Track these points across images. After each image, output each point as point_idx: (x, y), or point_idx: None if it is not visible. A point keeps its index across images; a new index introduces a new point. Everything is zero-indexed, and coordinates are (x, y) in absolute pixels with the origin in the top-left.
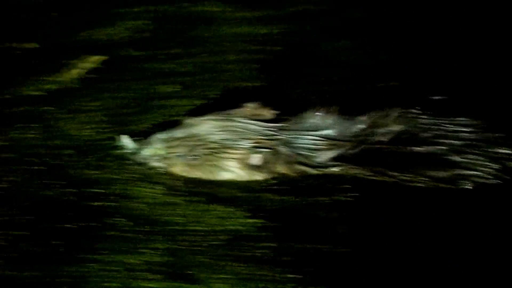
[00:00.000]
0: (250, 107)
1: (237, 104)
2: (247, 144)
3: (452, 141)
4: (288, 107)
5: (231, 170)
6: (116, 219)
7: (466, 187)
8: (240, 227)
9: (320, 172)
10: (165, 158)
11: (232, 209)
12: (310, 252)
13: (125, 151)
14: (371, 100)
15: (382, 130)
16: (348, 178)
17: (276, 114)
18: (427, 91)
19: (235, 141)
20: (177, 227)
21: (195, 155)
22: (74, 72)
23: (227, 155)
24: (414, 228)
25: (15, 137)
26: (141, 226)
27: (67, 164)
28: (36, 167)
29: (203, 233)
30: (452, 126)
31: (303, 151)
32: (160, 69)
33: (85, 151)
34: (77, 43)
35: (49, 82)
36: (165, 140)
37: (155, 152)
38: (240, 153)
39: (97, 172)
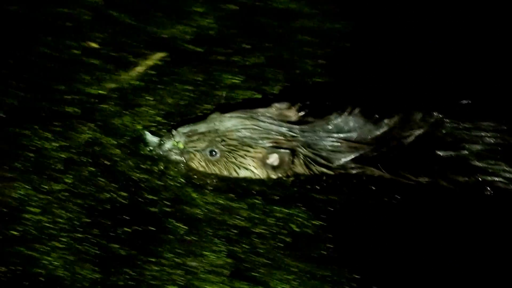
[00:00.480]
0: (276, 107)
1: (267, 104)
2: (265, 143)
3: (474, 146)
4: (325, 107)
5: (248, 168)
6: (174, 223)
7: (486, 193)
8: (302, 229)
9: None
10: (184, 151)
11: (292, 211)
12: (368, 252)
13: (150, 145)
14: (396, 103)
15: (404, 133)
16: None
17: (302, 115)
18: (451, 94)
19: (254, 139)
20: (237, 230)
21: (214, 151)
22: (136, 70)
23: (245, 153)
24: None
25: (72, 137)
26: (202, 229)
27: (120, 165)
28: (90, 169)
29: (265, 235)
30: (475, 130)
31: (323, 153)
32: (226, 62)
33: (136, 151)
34: (140, 42)
35: (111, 80)
36: (187, 134)
37: (175, 145)
38: (258, 152)
39: (147, 176)
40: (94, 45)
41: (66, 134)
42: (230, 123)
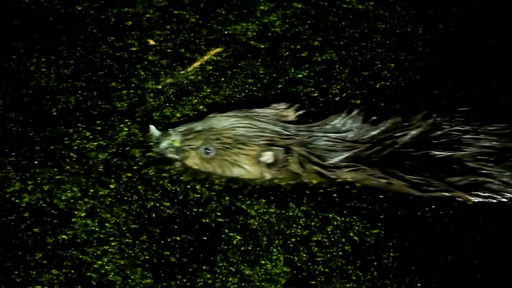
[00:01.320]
0: (274, 107)
1: (266, 104)
2: (259, 141)
3: (470, 148)
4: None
5: (242, 166)
6: (230, 233)
7: (480, 194)
8: (361, 237)
9: (332, 175)
10: (180, 150)
11: (349, 219)
12: (430, 261)
13: (151, 141)
14: (396, 104)
15: (400, 133)
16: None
17: (299, 115)
18: (451, 96)
19: (249, 138)
20: (295, 239)
21: (208, 149)
22: (194, 65)
23: (238, 150)
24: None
25: (121, 140)
26: (258, 239)
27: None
28: (127, 174)
29: (324, 243)
30: (471, 133)
31: (317, 152)
32: (293, 58)
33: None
34: (201, 39)
35: (168, 75)
36: (183, 133)
37: (171, 143)
38: (252, 150)
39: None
40: (152, 42)
41: (105, 133)
42: (226, 122)
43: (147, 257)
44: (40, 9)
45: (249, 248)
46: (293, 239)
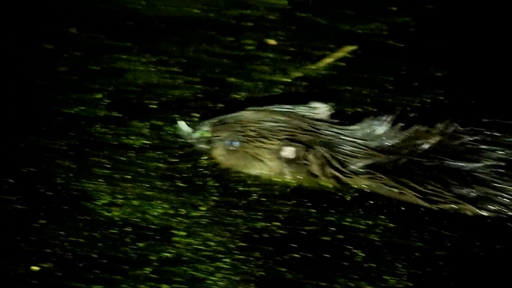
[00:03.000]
0: (311, 105)
1: (305, 101)
2: (281, 136)
3: (486, 160)
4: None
5: (262, 160)
6: (352, 249)
7: (490, 208)
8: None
9: (349, 181)
10: (210, 141)
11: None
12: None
13: (182, 135)
14: (423, 113)
15: (419, 142)
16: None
17: (330, 115)
18: (476, 108)
19: (271, 132)
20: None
21: (233, 141)
22: (324, 61)
23: (260, 144)
24: None
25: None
26: (380, 255)
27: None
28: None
29: (449, 257)
30: (491, 144)
31: (339, 156)
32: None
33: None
34: (327, 38)
35: (296, 70)
36: (214, 124)
37: (203, 134)
38: (273, 144)
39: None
40: (273, 42)
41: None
42: (255, 115)
43: (262, 273)
44: (151, 10)
45: (373, 265)
46: (417, 253)
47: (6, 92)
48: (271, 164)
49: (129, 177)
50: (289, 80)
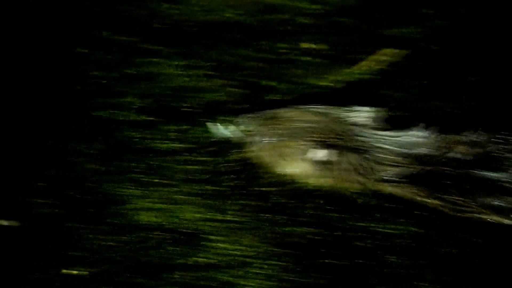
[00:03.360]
0: (353, 109)
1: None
2: (312, 137)
3: None
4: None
5: (291, 160)
6: (382, 255)
7: None
8: None
9: (375, 188)
10: (245, 136)
11: None
12: None
13: (214, 135)
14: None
15: (448, 151)
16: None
17: (376, 121)
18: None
19: (304, 132)
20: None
21: (268, 139)
22: (364, 64)
23: (291, 143)
24: None
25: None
26: (412, 260)
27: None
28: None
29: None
30: None
31: (369, 163)
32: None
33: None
34: (365, 41)
35: (346, 73)
36: (252, 120)
37: (238, 129)
38: (302, 145)
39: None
40: (307, 45)
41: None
42: (291, 113)
43: (295, 279)
44: (184, 14)
45: (403, 270)
46: (447, 260)
47: (40, 96)
48: (298, 164)
49: (159, 181)
50: (327, 84)
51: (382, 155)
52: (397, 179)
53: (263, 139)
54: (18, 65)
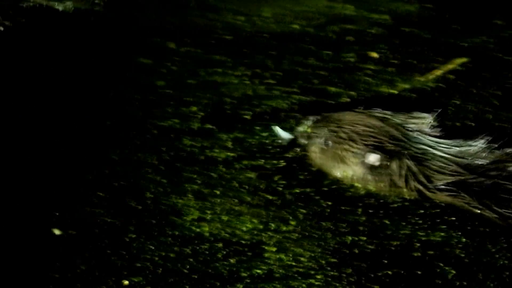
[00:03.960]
0: (412, 115)
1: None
2: (369, 141)
3: None
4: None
5: (347, 163)
6: (442, 266)
7: None
8: None
9: (432, 196)
10: (309, 137)
11: None
12: None
13: (281, 139)
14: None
15: (507, 165)
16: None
17: (432, 128)
18: None
19: (361, 136)
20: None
21: (328, 140)
22: (434, 73)
23: (348, 147)
24: None
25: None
26: (471, 273)
27: None
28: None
29: None
30: None
31: (427, 171)
32: None
33: None
34: (433, 51)
35: (414, 82)
36: (316, 121)
37: (304, 130)
38: (359, 148)
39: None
40: (374, 55)
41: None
42: (351, 117)
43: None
44: (250, 26)
45: (464, 283)
46: (506, 272)
47: (105, 106)
48: (355, 168)
49: (218, 192)
50: (395, 92)
51: (441, 164)
52: (454, 188)
53: (324, 142)
54: (85, 77)
